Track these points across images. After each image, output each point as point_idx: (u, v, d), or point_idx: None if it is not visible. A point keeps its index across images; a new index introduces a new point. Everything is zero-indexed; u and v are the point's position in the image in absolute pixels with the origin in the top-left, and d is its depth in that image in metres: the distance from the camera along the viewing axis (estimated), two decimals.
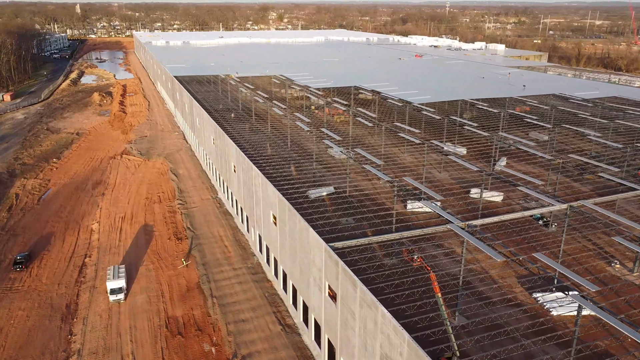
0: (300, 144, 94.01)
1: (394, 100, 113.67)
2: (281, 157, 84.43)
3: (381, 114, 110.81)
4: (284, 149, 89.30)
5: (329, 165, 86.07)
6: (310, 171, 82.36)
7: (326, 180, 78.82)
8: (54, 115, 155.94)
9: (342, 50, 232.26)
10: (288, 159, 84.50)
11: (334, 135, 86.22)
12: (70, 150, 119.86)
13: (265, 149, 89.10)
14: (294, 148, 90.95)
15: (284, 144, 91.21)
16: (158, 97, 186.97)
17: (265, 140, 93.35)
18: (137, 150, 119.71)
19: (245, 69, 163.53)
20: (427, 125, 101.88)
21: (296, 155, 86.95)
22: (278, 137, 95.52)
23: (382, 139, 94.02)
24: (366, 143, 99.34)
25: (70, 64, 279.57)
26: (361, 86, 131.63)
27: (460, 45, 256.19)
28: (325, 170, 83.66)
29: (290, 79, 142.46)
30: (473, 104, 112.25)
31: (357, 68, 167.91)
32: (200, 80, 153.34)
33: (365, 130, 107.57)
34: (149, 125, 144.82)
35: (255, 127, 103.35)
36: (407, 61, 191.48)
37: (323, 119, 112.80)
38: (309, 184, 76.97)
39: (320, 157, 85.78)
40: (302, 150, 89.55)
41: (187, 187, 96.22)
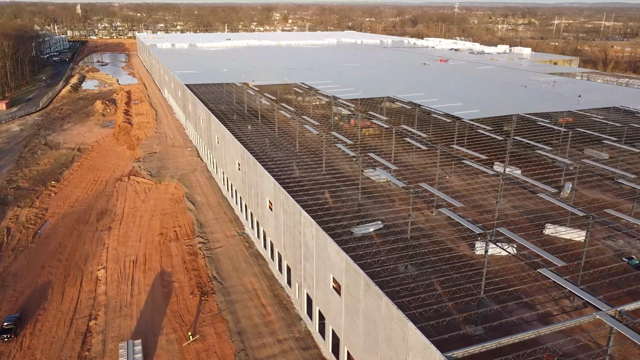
0: (332, 163, 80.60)
1: (438, 114, 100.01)
2: (314, 180, 71.46)
3: (426, 130, 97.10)
4: (316, 170, 76.15)
5: (369, 190, 72.86)
6: (349, 198, 69.40)
7: (367, 207, 65.50)
8: (52, 127, 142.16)
9: (359, 54, 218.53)
10: (322, 183, 71.40)
11: (381, 159, 72.44)
12: (71, 170, 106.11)
13: (293, 169, 76.16)
14: (328, 169, 77.66)
15: (316, 165, 77.83)
16: (165, 106, 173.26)
17: (293, 158, 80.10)
18: (147, 170, 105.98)
19: (260, 76, 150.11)
20: (486, 147, 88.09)
21: (331, 177, 73.98)
22: (307, 155, 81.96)
23: (436, 163, 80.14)
24: (413, 165, 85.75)
25: (70, 68, 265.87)
26: (395, 97, 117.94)
27: (483, 49, 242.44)
28: (365, 197, 70.61)
29: (312, 87, 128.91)
30: (529, 119, 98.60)
31: (382, 75, 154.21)
32: (214, 89, 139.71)
33: (402, 147, 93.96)
34: (158, 139, 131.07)
35: (280, 142, 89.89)
36: (433, 67, 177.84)
37: (350, 131, 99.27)
38: (350, 216, 63.90)
39: (356, 180, 72.21)
40: (337, 172, 76.48)
41: (208, 220, 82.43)
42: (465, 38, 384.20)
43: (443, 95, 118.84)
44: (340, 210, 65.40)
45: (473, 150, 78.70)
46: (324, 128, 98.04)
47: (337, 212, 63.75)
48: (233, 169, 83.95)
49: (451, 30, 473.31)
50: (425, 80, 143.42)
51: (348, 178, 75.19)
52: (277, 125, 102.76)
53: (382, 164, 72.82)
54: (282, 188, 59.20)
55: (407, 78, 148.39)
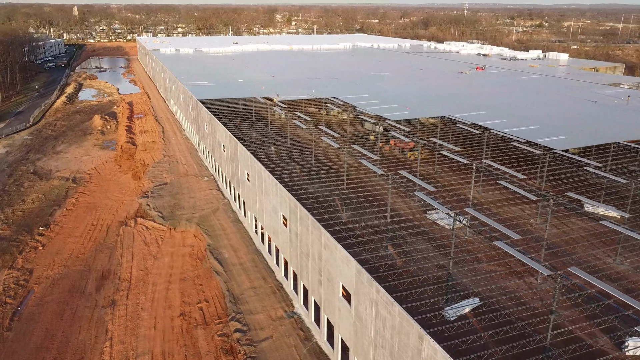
0: (384, 200, 61.10)
1: (519, 142, 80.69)
2: (375, 229, 53.02)
3: (509, 164, 77.56)
4: (376, 216, 57.30)
5: (439, 240, 54.07)
6: (420, 254, 50.60)
7: (449, 269, 45.93)
8: (44, 148, 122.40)
9: (383, 61, 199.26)
10: (385, 232, 52.72)
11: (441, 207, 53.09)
12: (64, 211, 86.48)
13: (340, 210, 57.57)
14: (380, 207, 58.58)
15: (378, 211, 58.68)
16: (173, 121, 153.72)
17: (341, 198, 61.20)
18: (157, 210, 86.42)
19: (282, 88, 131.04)
20: (592, 188, 68.66)
21: (395, 225, 55.36)
22: (364, 198, 62.58)
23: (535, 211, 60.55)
24: (488, 208, 65.88)
25: (66, 75, 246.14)
26: (453, 116, 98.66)
27: (515, 54, 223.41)
28: (433, 249, 51.95)
29: (348, 103, 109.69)
30: (634, 150, 79.36)
31: (421, 86, 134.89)
32: (232, 105, 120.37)
33: (465, 181, 74.45)
34: (168, 164, 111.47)
35: (320, 174, 70.81)
36: (472, 76, 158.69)
37: (392, 153, 79.80)
38: (434, 287, 45.19)
39: (418, 224, 52.77)
40: (398, 216, 57.70)
41: (243, 289, 62.89)
42: (483, 42, 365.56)
43: (510, 115, 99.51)
44: (418, 278, 46.21)
45: (587, 196, 59.39)
46: (384, 163, 78.65)
47: (415, 282, 44.69)
48: (274, 221, 64.46)
49: (465, 32, 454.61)
50: (474, 94, 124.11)
51: (410, 223, 56.69)
52: (321, 157, 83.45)
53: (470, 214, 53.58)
54: (372, 279, 39.77)
55: (451, 91, 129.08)
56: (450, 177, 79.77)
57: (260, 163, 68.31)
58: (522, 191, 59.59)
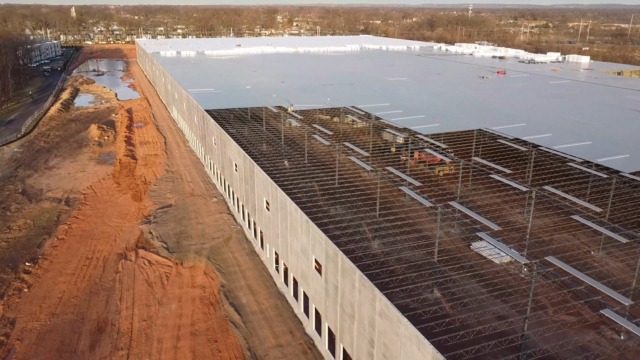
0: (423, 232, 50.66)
1: (577, 163, 70.32)
2: (412, 264, 43.28)
3: (565, 186, 67.17)
4: (411, 245, 47.39)
5: (487, 277, 44.33)
6: (466, 293, 40.82)
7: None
8: (35, 163, 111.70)
9: (396, 64, 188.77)
10: (422, 265, 42.66)
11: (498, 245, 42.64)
12: (55, 240, 75.86)
13: (371, 240, 47.90)
14: (423, 241, 48.49)
15: (413, 239, 48.36)
16: (175, 130, 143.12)
17: (372, 225, 51.17)
18: (161, 240, 75.83)
19: (294, 95, 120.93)
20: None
21: (432, 257, 45.81)
22: (393, 222, 52.07)
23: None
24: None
25: (62, 79, 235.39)
26: (490, 129, 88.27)
27: (533, 57, 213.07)
28: (482, 289, 42.21)
29: (370, 113, 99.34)
30: None
31: (444, 94, 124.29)
32: (242, 116, 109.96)
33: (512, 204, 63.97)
34: (172, 181, 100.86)
35: (345, 197, 60.62)
36: (495, 81, 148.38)
37: (418, 169, 69.21)
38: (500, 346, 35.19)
39: (462, 254, 42.39)
40: (446, 254, 47.69)
41: (266, 348, 52.27)
42: (492, 43, 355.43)
43: (554, 128, 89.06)
44: (478, 334, 35.99)
45: None
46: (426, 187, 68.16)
47: (476, 340, 34.70)
48: (303, 264, 53.95)
49: (472, 34, 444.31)
50: (505, 102, 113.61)
51: (451, 255, 46.63)
52: (346, 176, 73.01)
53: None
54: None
55: (478, 98, 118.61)
56: (490, 199, 69.24)
57: (285, 192, 57.77)
58: (597, 226, 49.13)
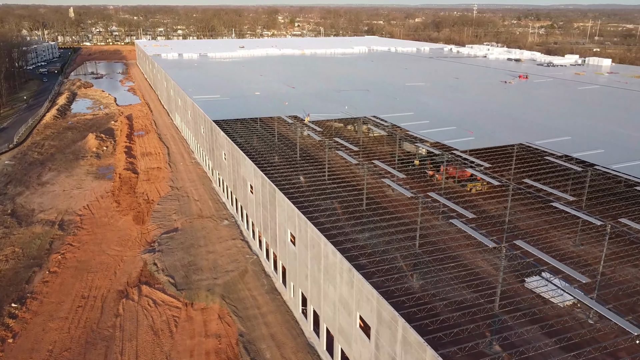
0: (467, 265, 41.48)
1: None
2: (461, 305, 34.66)
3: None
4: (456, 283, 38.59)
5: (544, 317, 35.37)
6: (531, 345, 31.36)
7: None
8: (27, 178, 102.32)
9: (409, 68, 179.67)
10: (471, 306, 33.76)
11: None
12: (46, 274, 66.53)
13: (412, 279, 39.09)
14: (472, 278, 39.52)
15: (459, 276, 39.52)
16: (179, 139, 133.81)
17: (411, 261, 42.33)
18: (167, 272, 66.60)
19: (307, 103, 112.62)
20: None
21: (485, 300, 37.01)
22: (436, 257, 42.90)
23: None
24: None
25: (59, 82, 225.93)
26: (532, 144, 79.24)
27: (551, 60, 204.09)
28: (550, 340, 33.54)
29: (395, 125, 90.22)
30: None
31: (469, 102, 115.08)
32: (254, 127, 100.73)
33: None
34: (177, 199, 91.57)
35: (377, 224, 51.66)
36: (519, 86, 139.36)
37: (446, 185, 59.77)
38: None
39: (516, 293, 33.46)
40: (487, 285, 38.97)
41: None
42: (501, 44, 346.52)
43: (605, 143, 79.95)
44: None
45: None
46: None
47: None
48: (344, 320, 44.71)
49: (479, 35, 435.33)
50: (539, 111, 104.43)
51: (507, 296, 37.75)
52: (376, 200, 63.83)
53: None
54: None
55: (508, 107, 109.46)
56: (538, 224, 59.65)
57: (326, 239, 48.46)
58: None
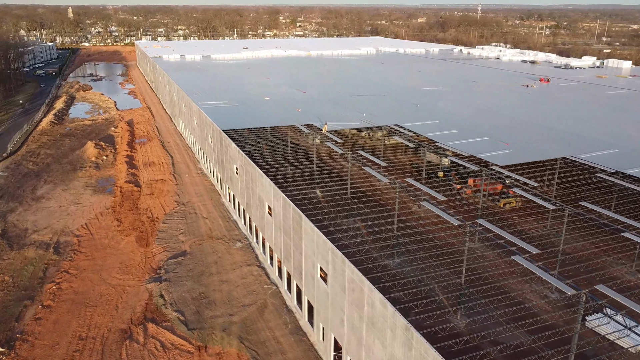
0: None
1: None
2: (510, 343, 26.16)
3: None
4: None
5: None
6: None
7: None
8: (20, 192, 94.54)
9: (423, 70, 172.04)
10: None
11: None
12: (39, 308, 58.79)
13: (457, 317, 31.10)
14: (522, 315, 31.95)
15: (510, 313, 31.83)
16: (183, 147, 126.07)
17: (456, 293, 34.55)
18: (175, 306, 58.88)
19: (320, 108, 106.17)
20: None
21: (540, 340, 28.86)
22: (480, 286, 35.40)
23: None
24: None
25: (56, 85, 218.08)
26: (579, 158, 71.69)
27: (568, 62, 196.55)
28: None
29: (421, 135, 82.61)
30: None
31: (494, 108, 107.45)
32: (265, 136, 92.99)
33: None
34: (184, 217, 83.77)
35: (411, 250, 43.61)
36: (542, 91, 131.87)
37: (476, 200, 51.97)
38: None
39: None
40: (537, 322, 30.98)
41: None
42: (512, 45, 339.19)
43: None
44: None
45: None
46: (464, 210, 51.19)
47: None
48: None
49: (485, 35, 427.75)
50: (575, 119, 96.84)
51: (564, 338, 30.22)
52: (412, 225, 56.10)
53: None
54: None
55: (539, 114, 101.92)
56: (593, 250, 51.78)
57: (361, 272, 40.87)
58: None
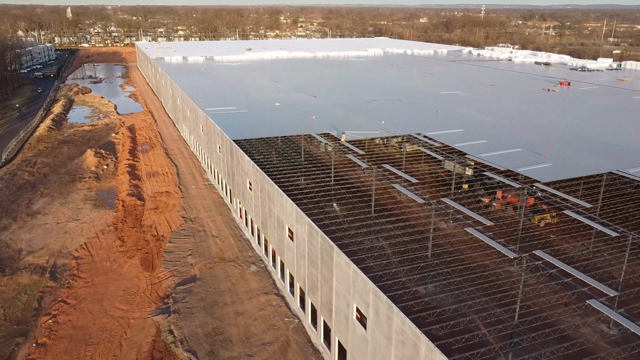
0: None
1: None
2: None
3: None
4: None
5: None
6: None
7: None
8: (15, 207, 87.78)
9: (435, 73, 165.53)
10: None
11: None
12: (32, 348, 52.02)
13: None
14: None
15: None
16: (188, 155, 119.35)
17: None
18: (187, 345, 52.16)
19: (334, 115, 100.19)
20: None
21: None
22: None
23: None
24: None
25: (55, 88, 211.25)
26: (625, 172, 65.19)
27: (584, 64, 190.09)
28: None
29: (449, 145, 76.03)
30: None
31: (516, 114, 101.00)
32: (278, 146, 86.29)
33: None
34: (192, 236, 77.00)
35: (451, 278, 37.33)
36: (564, 95, 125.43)
37: (512, 217, 45.63)
38: None
39: None
40: None
41: None
42: (520, 46, 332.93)
43: None
44: None
45: None
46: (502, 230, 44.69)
47: None
48: None
49: (490, 35, 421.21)
50: (609, 128, 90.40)
51: None
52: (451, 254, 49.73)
53: None
54: None
55: (568, 121, 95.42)
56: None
57: (412, 322, 34.33)
58: None
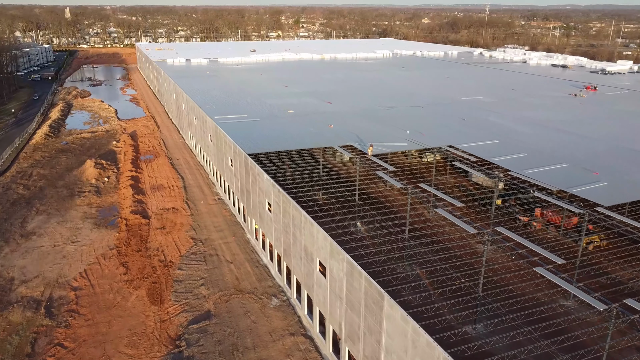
0: None
1: None
2: None
3: None
4: None
5: None
6: None
7: None
8: (7, 227, 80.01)
9: (451, 76, 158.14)
10: None
11: None
12: None
13: None
14: None
15: None
16: (194, 165, 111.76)
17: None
18: None
19: (349, 123, 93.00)
20: None
21: None
22: None
23: None
24: None
25: (53, 91, 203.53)
26: None
27: (603, 66, 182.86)
28: None
29: (487, 160, 68.47)
30: None
31: (548, 123, 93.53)
32: (297, 161, 78.66)
33: None
34: (204, 262, 69.31)
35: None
36: (593, 100, 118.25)
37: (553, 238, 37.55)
38: None
39: None
40: None
41: None
42: (529, 48, 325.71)
43: None
44: None
45: None
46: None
47: None
48: None
49: (497, 36, 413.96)
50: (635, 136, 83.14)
51: None
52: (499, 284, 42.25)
53: None
54: None
55: (611, 132, 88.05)
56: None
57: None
58: None
